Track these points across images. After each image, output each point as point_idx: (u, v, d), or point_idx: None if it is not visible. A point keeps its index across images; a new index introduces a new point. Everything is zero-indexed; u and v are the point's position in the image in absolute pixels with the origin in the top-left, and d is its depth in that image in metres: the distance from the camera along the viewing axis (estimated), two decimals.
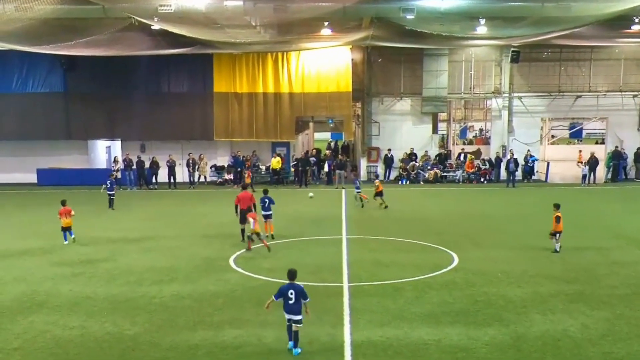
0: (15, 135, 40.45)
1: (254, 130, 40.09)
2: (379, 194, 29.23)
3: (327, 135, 71.81)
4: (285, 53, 39.32)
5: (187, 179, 39.38)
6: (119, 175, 37.94)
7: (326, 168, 39.39)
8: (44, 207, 27.54)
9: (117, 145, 43.25)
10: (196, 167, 39.16)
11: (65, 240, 21.82)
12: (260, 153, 41.49)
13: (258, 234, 20.07)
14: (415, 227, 24.31)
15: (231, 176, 39.85)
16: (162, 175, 38.55)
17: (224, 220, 26.47)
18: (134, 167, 38.61)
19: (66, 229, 21.88)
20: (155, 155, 39.21)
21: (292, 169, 40.01)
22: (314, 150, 44.54)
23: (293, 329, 11.82)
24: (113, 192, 29.83)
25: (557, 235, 19.66)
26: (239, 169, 39.34)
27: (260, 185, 38.29)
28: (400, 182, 39.63)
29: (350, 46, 38.80)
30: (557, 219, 19.61)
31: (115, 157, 39.80)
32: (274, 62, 39.68)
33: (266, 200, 22.04)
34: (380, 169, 41.45)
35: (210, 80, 39.98)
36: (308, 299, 11.92)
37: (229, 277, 16.95)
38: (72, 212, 21.98)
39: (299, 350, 11.76)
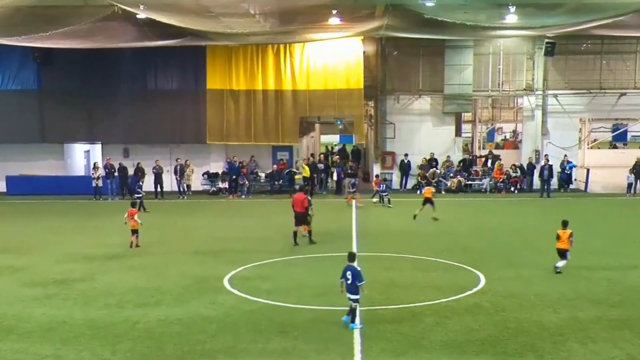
0: None
1: (252, 133, 40.07)
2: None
3: (335, 138, 71.83)
4: (288, 45, 39.35)
5: (176, 188, 39.33)
6: (99, 183, 37.95)
7: (335, 176, 39.35)
8: (13, 220, 27.58)
9: (97, 150, 43.32)
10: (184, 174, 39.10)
11: None
12: (259, 158, 41.46)
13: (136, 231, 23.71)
14: (436, 243, 24.21)
15: (226, 184, 39.83)
16: (148, 183, 38.51)
17: (218, 234, 26.54)
18: (116, 174, 38.61)
19: None
20: (140, 161, 39.18)
21: (297, 177, 39.95)
22: (322, 156, 44.52)
23: (352, 307, 14.51)
24: (140, 195, 32.02)
25: None
26: (234, 177, 39.31)
27: (259, 195, 38.36)
28: (418, 192, 39.51)
29: (362, 37, 38.80)
30: None
31: (95, 163, 39.81)
32: (275, 56, 39.72)
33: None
34: (396, 176, 41.39)
35: (203, 76, 40.01)
36: (363, 282, 14.60)
37: (224, 300, 16.89)
38: None
39: (355, 325, 14.37)
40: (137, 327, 14.81)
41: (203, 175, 41.23)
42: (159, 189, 38.28)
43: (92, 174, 38.86)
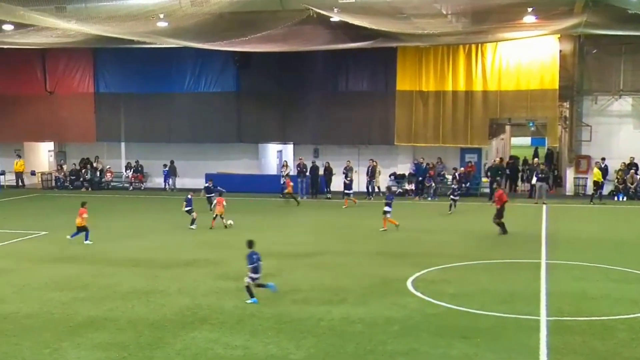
0: (186, 137, 43.52)
1: (440, 134, 39.80)
2: None
3: (526, 141, 69.82)
4: (479, 45, 38.69)
5: (363, 189, 39.84)
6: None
7: (534, 180, 38.00)
8: (209, 216, 29.19)
9: (289, 150, 44.88)
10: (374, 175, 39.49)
11: (86, 239, 24.89)
12: (446, 160, 41.01)
13: (220, 216, 27.75)
14: (634, 253, 22.82)
15: (412, 186, 39.83)
16: (337, 183, 39.28)
17: (403, 236, 26.58)
18: (308, 173, 39.75)
19: (81, 230, 24.93)
20: (329, 161, 40.18)
21: (484, 179, 39.20)
22: (512, 160, 43.36)
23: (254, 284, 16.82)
24: (212, 195, 31.57)
25: None
26: (420, 178, 39.22)
27: (445, 197, 37.85)
28: (616, 198, 37.39)
29: (559, 35, 37.31)
30: None
31: (285, 162, 41.32)
32: (467, 56, 39.18)
33: (391, 197, 28.05)
34: (591, 181, 39.35)
35: (393, 77, 40.24)
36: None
37: (406, 302, 16.92)
38: (84, 215, 24.94)
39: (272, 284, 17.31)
40: (321, 324, 15.19)
41: (390, 176, 41.47)
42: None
43: (282, 171, 40.38)
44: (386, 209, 27.33)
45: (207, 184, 33.34)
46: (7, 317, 15.86)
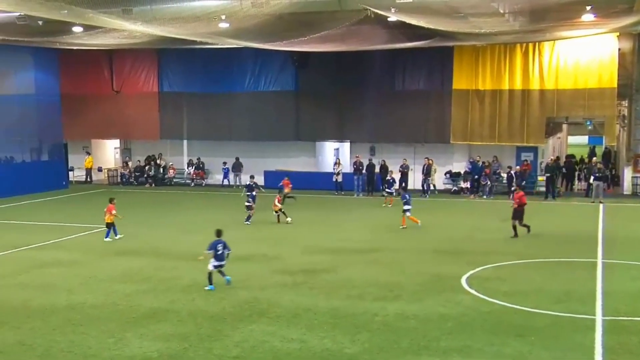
0: (246, 135, 43.91)
1: (496, 133, 39.30)
2: None
3: (583, 139, 68.53)
4: (537, 44, 38.04)
5: (418, 186, 39.62)
6: (339, 178, 39.44)
7: (591, 179, 37.17)
8: (268, 212, 29.44)
9: (345, 148, 44.87)
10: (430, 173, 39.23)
11: (107, 237, 24.97)
12: (502, 159, 40.41)
13: (279, 210, 28.85)
14: None
15: (467, 184, 39.46)
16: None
17: (457, 234, 26.41)
18: (364, 171, 39.72)
19: (110, 225, 25.07)
20: (385, 159, 40.04)
21: (540, 178, 38.54)
22: (569, 159, 42.54)
23: (221, 270, 17.87)
24: (250, 204, 29.28)
25: None
26: (476, 177, 38.83)
27: (500, 196, 37.33)
28: None
29: (617, 33, 36.43)
30: None
31: (338, 159, 41.30)
32: (524, 55, 38.58)
33: (406, 195, 27.79)
34: None
35: (449, 76, 39.89)
36: (231, 250, 18.13)
37: (460, 299, 16.82)
38: (113, 211, 24.92)
39: (229, 277, 17.98)
40: (375, 319, 15.22)
41: (445, 174, 41.19)
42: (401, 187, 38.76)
43: (334, 169, 40.48)
44: (405, 207, 27.43)
45: (249, 182, 31.38)
46: (74, 307, 16.35)
